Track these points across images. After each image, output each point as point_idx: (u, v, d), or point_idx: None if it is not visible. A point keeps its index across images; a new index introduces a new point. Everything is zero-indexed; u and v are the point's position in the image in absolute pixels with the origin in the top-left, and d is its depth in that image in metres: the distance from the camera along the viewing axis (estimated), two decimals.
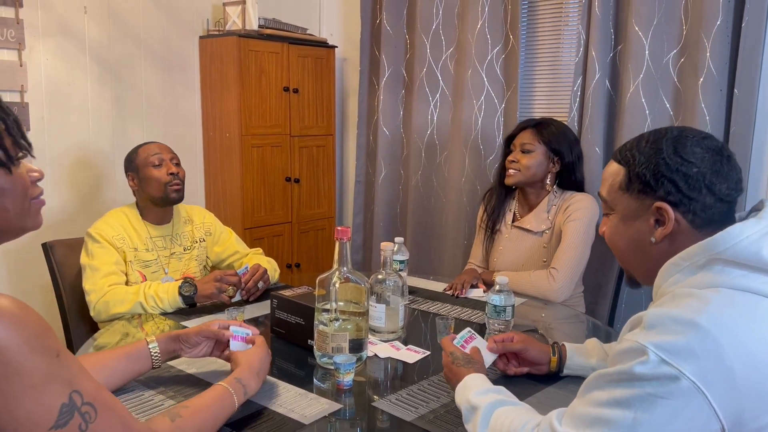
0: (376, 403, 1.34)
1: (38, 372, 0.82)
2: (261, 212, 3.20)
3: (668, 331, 0.89)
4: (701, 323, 0.88)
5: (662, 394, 0.87)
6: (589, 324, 1.96)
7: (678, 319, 0.90)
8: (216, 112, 3.13)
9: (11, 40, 2.47)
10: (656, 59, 2.46)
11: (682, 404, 0.87)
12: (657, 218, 1.05)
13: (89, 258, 1.98)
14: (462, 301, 2.06)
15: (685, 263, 1.00)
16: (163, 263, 2.11)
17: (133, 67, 2.90)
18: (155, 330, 1.80)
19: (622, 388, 0.91)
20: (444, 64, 3.11)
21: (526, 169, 2.23)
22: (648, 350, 0.89)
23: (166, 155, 2.12)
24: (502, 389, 1.20)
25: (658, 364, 0.88)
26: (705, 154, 1.02)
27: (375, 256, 3.43)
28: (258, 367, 1.31)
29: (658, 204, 1.03)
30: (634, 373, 0.90)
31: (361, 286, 1.51)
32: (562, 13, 2.86)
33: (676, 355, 0.87)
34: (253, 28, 3.05)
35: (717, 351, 0.87)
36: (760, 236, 0.95)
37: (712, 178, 1.01)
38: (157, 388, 1.38)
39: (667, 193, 1.03)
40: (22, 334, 0.81)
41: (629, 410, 0.89)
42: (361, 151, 3.52)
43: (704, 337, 0.87)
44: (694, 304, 0.92)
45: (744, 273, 0.94)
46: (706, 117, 2.34)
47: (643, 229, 1.07)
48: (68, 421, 0.85)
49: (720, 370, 0.86)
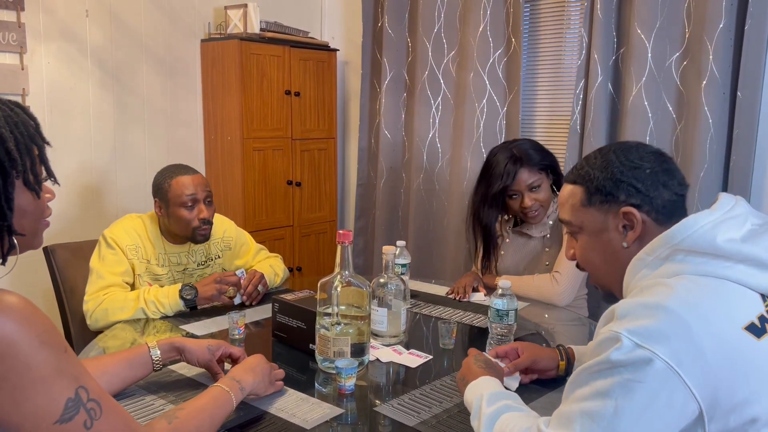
0: (378, 407, 1.33)
1: (47, 366, 0.83)
2: (262, 216, 3.19)
3: (639, 317, 0.93)
4: (669, 306, 0.92)
5: (639, 378, 0.90)
6: (592, 328, 1.95)
7: (647, 305, 0.94)
8: (217, 116, 3.13)
9: (13, 43, 2.47)
10: (659, 62, 2.45)
11: (658, 386, 0.89)
12: (624, 223, 1.10)
13: (99, 262, 1.94)
14: (464, 305, 2.06)
15: (650, 257, 1.05)
16: (175, 278, 2.07)
17: (134, 71, 2.91)
18: (155, 335, 1.79)
19: (602, 378, 0.93)
20: (446, 67, 3.11)
21: (546, 201, 2.16)
22: (621, 336, 0.92)
23: (201, 194, 1.99)
24: (514, 395, 1.20)
25: (633, 348, 0.91)
26: (651, 156, 1.11)
27: (377, 260, 3.42)
28: (252, 364, 1.31)
29: (624, 209, 1.08)
30: (610, 360, 0.92)
31: (363, 290, 1.50)
32: (564, 16, 2.86)
33: (648, 338, 0.90)
34: (254, 31, 3.05)
35: (686, 331, 0.90)
36: (713, 225, 1.01)
37: (664, 176, 1.08)
38: (157, 392, 1.38)
39: (628, 196, 1.08)
40: (31, 329, 0.83)
41: (610, 399, 0.92)
42: (363, 155, 3.51)
43: (673, 319, 0.91)
44: (661, 290, 0.97)
45: (704, 260, 0.99)
46: (709, 120, 2.33)
47: (614, 238, 1.11)
48: (73, 416, 0.86)
49: (691, 349, 0.89)
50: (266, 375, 1.33)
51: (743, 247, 0.99)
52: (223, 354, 1.43)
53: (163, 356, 1.37)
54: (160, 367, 1.37)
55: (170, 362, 1.40)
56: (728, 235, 0.99)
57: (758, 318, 0.95)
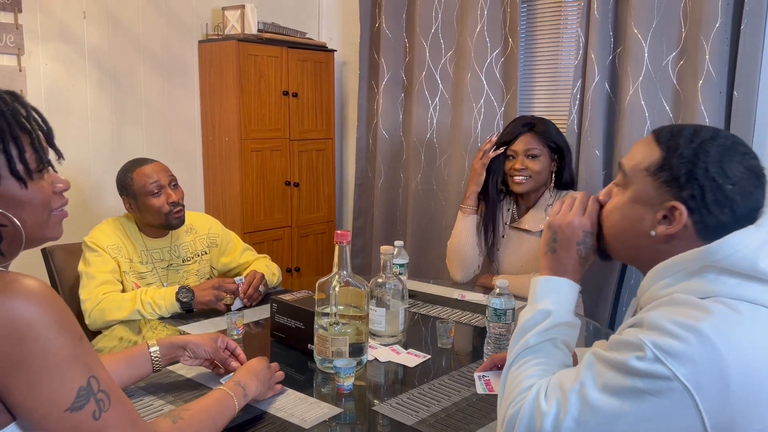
0: (377, 407, 1.34)
1: (63, 351, 0.84)
2: (260, 216, 3.19)
3: (669, 334, 0.89)
4: (704, 330, 0.88)
5: (651, 391, 0.88)
6: (590, 327, 1.96)
7: (680, 324, 0.90)
8: (215, 117, 3.13)
9: (10, 45, 2.47)
10: (655, 62, 2.46)
11: (668, 404, 0.87)
12: (666, 215, 1.01)
13: (86, 265, 1.97)
14: (462, 305, 2.06)
15: (678, 268, 0.99)
16: (159, 275, 2.09)
17: (132, 72, 2.91)
18: (154, 335, 1.80)
19: (613, 374, 0.92)
20: (443, 67, 3.12)
21: (537, 175, 2.19)
22: (646, 347, 0.89)
23: (164, 179, 2.02)
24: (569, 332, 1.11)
25: (653, 362, 0.88)
26: (745, 174, 0.98)
27: (375, 260, 3.43)
28: (257, 369, 1.32)
29: (675, 203, 0.99)
30: (628, 365, 0.90)
31: (361, 290, 1.51)
32: (561, 16, 2.86)
33: (672, 356, 0.88)
34: (252, 32, 3.05)
35: (715, 359, 0.86)
36: (758, 246, 0.94)
37: (740, 199, 0.97)
38: (157, 393, 1.38)
39: (690, 196, 0.98)
40: (50, 314, 0.83)
41: (615, 398, 0.90)
42: (361, 155, 3.52)
43: (705, 344, 0.87)
44: (694, 312, 0.91)
45: (738, 282, 0.93)
46: (705, 119, 2.34)
47: (648, 219, 1.03)
48: (83, 405, 0.86)
49: (715, 377, 0.86)
50: (267, 380, 1.33)
51: None
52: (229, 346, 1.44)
53: (163, 355, 1.37)
54: (160, 367, 1.37)
55: (170, 362, 1.40)
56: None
57: None
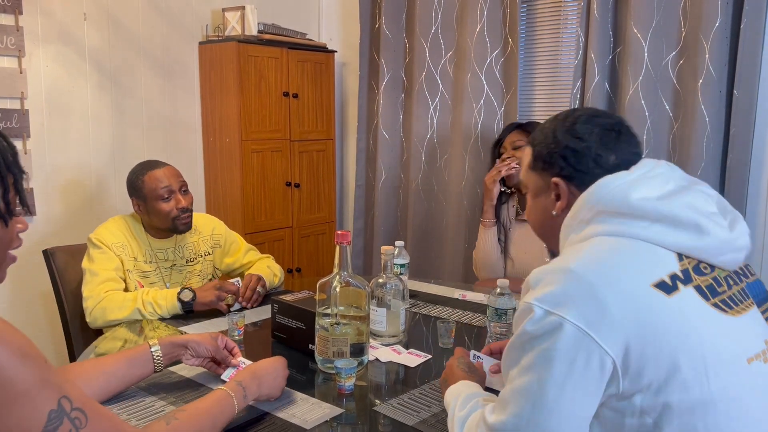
0: (378, 407, 1.34)
1: (29, 378, 0.83)
2: (261, 217, 3.20)
3: (547, 283, 0.94)
4: (572, 268, 0.94)
5: (554, 346, 0.91)
6: None
7: (554, 270, 0.96)
8: (216, 118, 3.13)
9: (11, 47, 2.47)
10: (655, 61, 2.46)
11: (573, 351, 0.90)
12: (556, 192, 1.12)
13: (90, 262, 1.97)
14: (463, 305, 2.06)
15: (574, 222, 1.06)
16: (163, 274, 2.09)
17: (132, 74, 2.91)
18: (155, 335, 1.80)
19: (524, 353, 0.95)
20: (443, 68, 3.12)
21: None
22: (533, 306, 0.93)
23: (175, 184, 2.03)
24: (491, 395, 1.18)
25: (544, 316, 0.92)
26: (594, 129, 1.09)
27: (376, 260, 3.43)
28: (261, 373, 1.30)
29: (554, 180, 1.11)
30: (527, 332, 0.94)
31: (362, 290, 1.51)
32: (561, 16, 2.87)
33: (555, 303, 0.92)
34: (252, 33, 3.05)
35: (590, 290, 0.91)
36: (627, 184, 1.01)
37: (599, 151, 1.08)
38: (158, 393, 1.38)
39: (560, 168, 1.11)
40: (11, 344, 0.82)
41: (533, 372, 0.93)
42: (361, 156, 3.52)
43: (576, 280, 0.93)
44: (568, 256, 0.99)
45: (620, 221, 1.00)
46: (705, 118, 2.34)
47: (547, 204, 1.15)
48: (57, 427, 0.85)
49: (596, 307, 0.90)
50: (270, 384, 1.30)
51: (659, 205, 0.98)
52: (227, 345, 1.44)
53: (164, 354, 1.37)
54: (162, 367, 1.37)
55: (172, 361, 1.40)
56: (642, 194, 1.00)
57: (670, 276, 0.95)
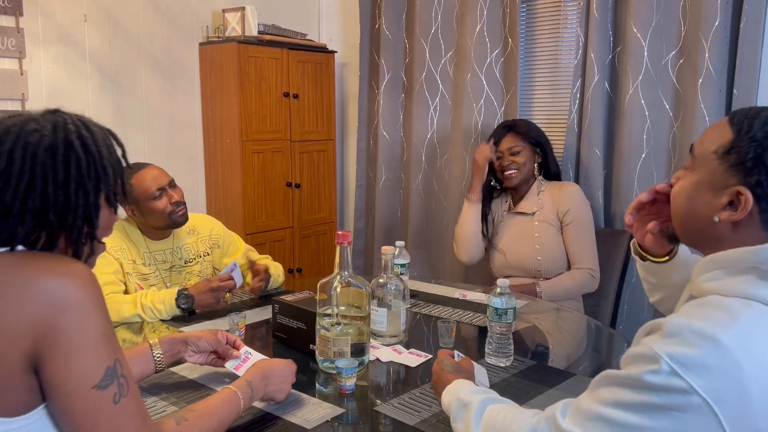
0: (379, 407, 1.34)
1: (99, 329, 0.90)
2: (262, 218, 3.20)
3: (686, 343, 0.84)
4: (722, 340, 0.83)
5: (670, 406, 0.83)
6: (591, 326, 1.96)
7: (699, 332, 0.84)
8: (216, 118, 3.13)
9: (12, 48, 2.48)
10: (655, 60, 2.46)
11: (690, 419, 0.83)
12: (731, 200, 0.95)
13: None
14: (464, 304, 2.06)
15: (724, 263, 0.94)
16: (162, 276, 2.09)
17: (133, 75, 2.91)
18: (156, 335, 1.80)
19: (629, 391, 0.87)
20: (443, 68, 3.12)
21: (523, 166, 2.44)
22: (661, 359, 0.84)
23: (164, 181, 2.05)
24: (492, 391, 1.18)
25: (669, 376, 0.83)
26: None
27: (376, 261, 3.43)
28: (270, 374, 1.30)
29: (740, 188, 0.93)
30: (643, 380, 0.85)
31: (363, 290, 1.51)
32: (561, 16, 2.87)
33: (689, 368, 0.82)
34: (252, 34, 3.06)
35: (735, 370, 0.81)
36: None
37: None
38: (159, 394, 1.38)
39: (757, 182, 0.92)
40: (94, 293, 0.90)
41: (633, 414, 0.86)
42: (362, 156, 3.52)
43: (723, 355, 0.82)
44: (720, 317, 0.86)
45: None
46: (705, 118, 2.34)
47: (712, 204, 0.97)
48: (108, 385, 0.89)
49: (735, 389, 0.81)
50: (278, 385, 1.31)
51: None
52: (228, 340, 1.45)
53: (165, 352, 1.37)
54: (163, 366, 1.38)
55: (173, 359, 1.40)
56: None
57: None
